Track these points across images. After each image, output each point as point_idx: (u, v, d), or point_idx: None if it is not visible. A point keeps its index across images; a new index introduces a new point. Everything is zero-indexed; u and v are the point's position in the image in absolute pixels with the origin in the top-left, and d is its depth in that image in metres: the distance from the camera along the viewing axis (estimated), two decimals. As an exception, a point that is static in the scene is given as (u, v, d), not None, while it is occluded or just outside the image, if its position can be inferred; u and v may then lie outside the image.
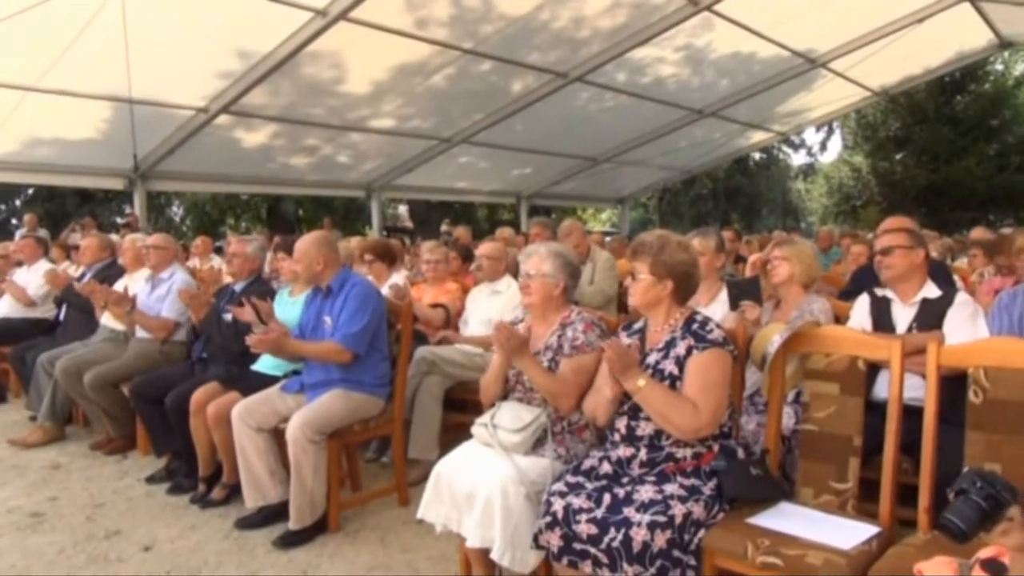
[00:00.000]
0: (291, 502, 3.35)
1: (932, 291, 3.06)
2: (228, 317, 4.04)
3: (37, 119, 8.26)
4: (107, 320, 5.01)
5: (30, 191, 22.19)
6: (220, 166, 10.81)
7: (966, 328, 2.87)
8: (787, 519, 2.29)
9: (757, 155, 27.05)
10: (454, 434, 4.09)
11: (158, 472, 4.23)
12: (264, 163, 11.05)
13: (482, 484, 2.53)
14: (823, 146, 28.37)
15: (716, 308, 3.51)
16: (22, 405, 5.66)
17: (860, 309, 3.22)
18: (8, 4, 5.91)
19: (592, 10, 8.49)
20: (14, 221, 20.97)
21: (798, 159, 29.70)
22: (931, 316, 2.98)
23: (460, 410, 4.31)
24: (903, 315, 3.07)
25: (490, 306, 4.42)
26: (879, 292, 3.21)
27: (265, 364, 3.95)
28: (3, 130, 8.32)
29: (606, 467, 2.46)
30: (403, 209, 26.53)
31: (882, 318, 3.12)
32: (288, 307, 3.98)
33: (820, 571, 2.03)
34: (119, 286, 4.92)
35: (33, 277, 6.20)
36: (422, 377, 4.15)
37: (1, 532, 3.57)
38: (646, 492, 2.30)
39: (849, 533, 2.19)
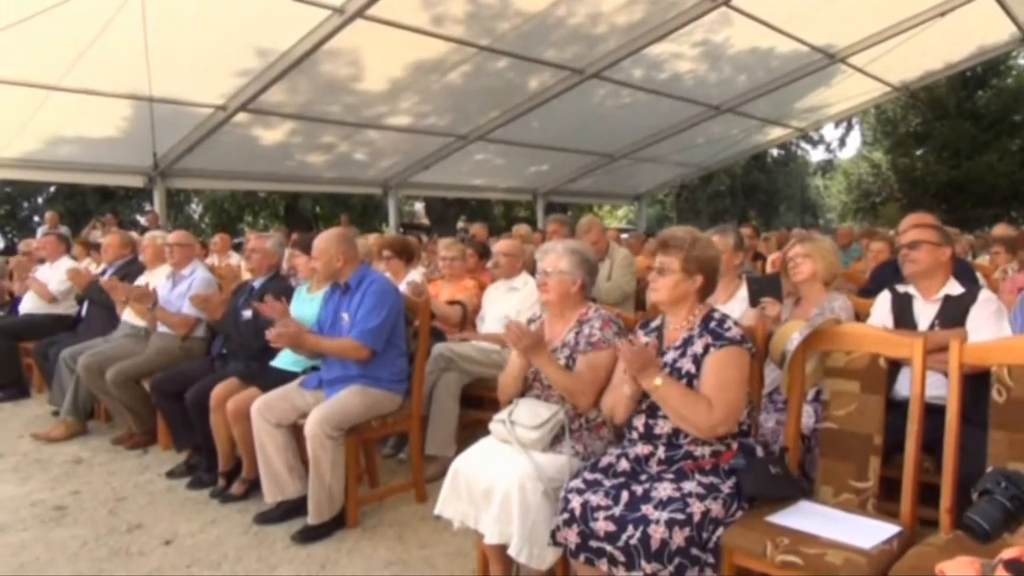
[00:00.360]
0: (309, 497, 3.37)
1: (955, 288, 3.02)
2: (247, 314, 4.06)
3: (59, 118, 8.37)
4: (128, 316, 5.06)
5: (52, 189, 22.45)
6: (238, 164, 10.90)
7: (990, 325, 2.83)
8: (807, 518, 2.27)
9: (775, 151, 26.89)
10: (471, 431, 4.10)
11: (178, 467, 4.27)
12: (282, 160, 11.12)
13: (500, 480, 2.53)
14: (842, 142, 28.32)
15: (734, 306, 3.49)
16: (45, 400, 5.72)
17: (881, 306, 3.19)
18: (30, 4, 5.99)
19: (609, 6, 8.47)
20: (36, 219, 21.20)
21: (817, 155, 29.65)
22: (954, 313, 2.95)
23: (477, 407, 4.32)
24: (925, 312, 3.04)
25: (507, 303, 4.42)
26: (901, 289, 3.17)
27: (284, 360, 3.97)
28: (26, 129, 8.45)
29: (624, 464, 2.45)
30: (419, 206, 26.62)
31: (904, 315, 3.08)
32: (306, 304, 4.00)
33: (840, 570, 2.01)
34: (139, 283, 4.97)
35: (55, 274, 6.28)
36: (439, 374, 4.16)
37: (25, 525, 3.62)
38: (664, 490, 2.29)
39: (869, 532, 2.17)
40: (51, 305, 6.21)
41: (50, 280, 6.25)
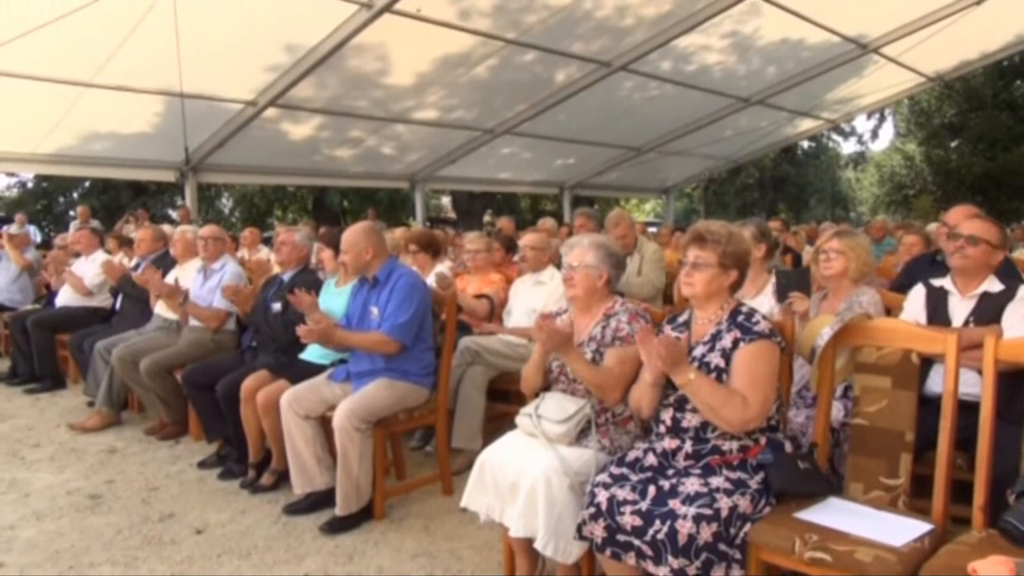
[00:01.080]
0: (337, 489, 3.40)
1: (994, 285, 2.94)
2: (276, 307, 4.11)
3: (93, 114, 8.50)
4: (161, 310, 5.15)
5: (86, 184, 22.86)
6: (267, 158, 10.99)
7: (1028, 322, 2.77)
8: (836, 514, 2.25)
9: (805, 144, 26.55)
10: (497, 424, 4.11)
11: (209, 457, 4.34)
12: (310, 155, 11.20)
13: (526, 474, 2.53)
14: (874, 134, 27.71)
15: (763, 300, 3.45)
16: (80, 391, 5.84)
17: (915, 301, 3.12)
18: (65, 2, 6.08)
19: (637, -2, 8.40)
20: (71, 213, 21.62)
21: (848, 147, 29.09)
22: (990, 310, 2.88)
23: (503, 400, 4.33)
24: (960, 308, 2.97)
25: (534, 297, 4.42)
26: (936, 283, 3.10)
27: (312, 353, 4.01)
28: (61, 125, 8.60)
29: (651, 459, 2.45)
30: (446, 200, 26.70)
31: (938, 311, 3.02)
32: (334, 298, 4.03)
33: (870, 568, 1.98)
34: (171, 277, 5.05)
35: (90, 267, 6.39)
36: (466, 367, 4.18)
37: (62, 513, 3.71)
38: (692, 485, 2.28)
39: (900, 530, 2.14)
40: (86, 298, 6.32)
41: (86, 274, 6.37)
